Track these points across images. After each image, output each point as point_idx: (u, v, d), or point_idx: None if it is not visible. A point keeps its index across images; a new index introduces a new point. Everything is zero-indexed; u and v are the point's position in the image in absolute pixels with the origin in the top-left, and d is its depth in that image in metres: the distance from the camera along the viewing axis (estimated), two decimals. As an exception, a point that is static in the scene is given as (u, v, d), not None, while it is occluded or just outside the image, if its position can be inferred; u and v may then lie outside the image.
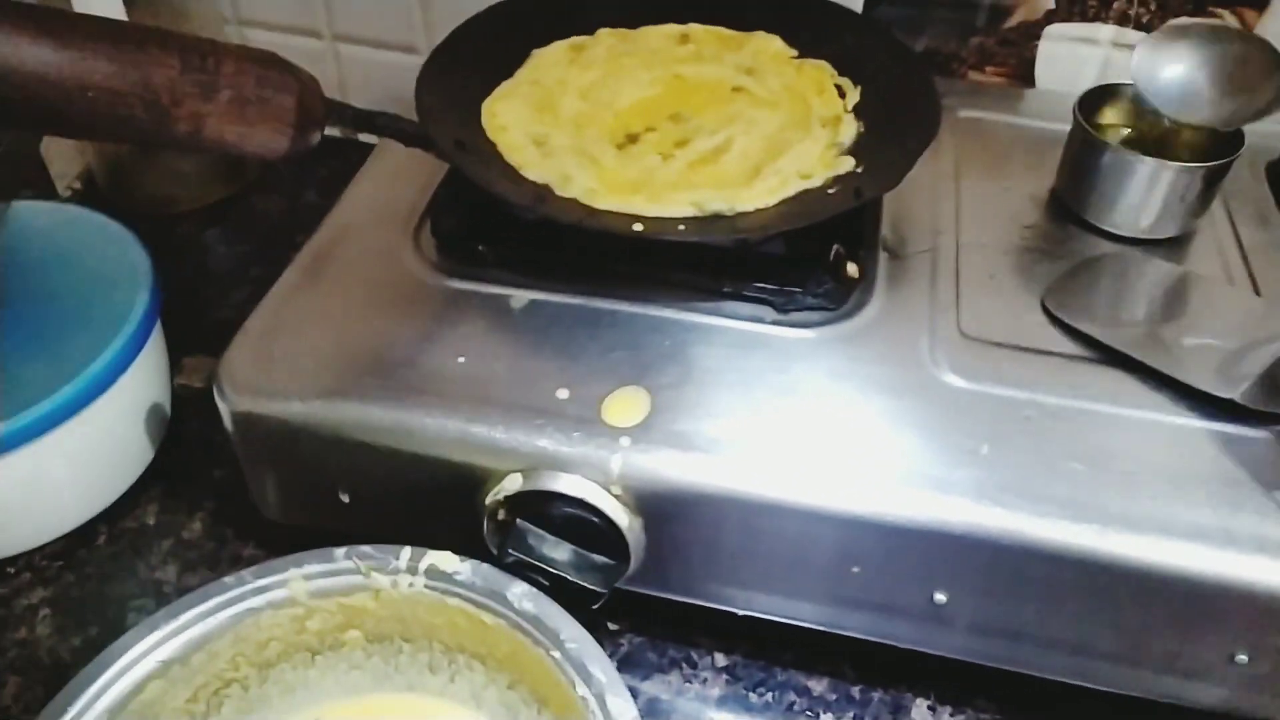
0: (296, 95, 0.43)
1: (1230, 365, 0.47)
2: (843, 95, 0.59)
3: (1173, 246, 0.55)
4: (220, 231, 0.78)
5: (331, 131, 0.85)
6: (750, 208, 0.50)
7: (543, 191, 0.51)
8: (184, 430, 0.61)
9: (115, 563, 0.55)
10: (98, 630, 0.52)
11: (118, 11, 0.64)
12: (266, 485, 0.51)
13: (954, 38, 0.70)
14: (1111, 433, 0.45)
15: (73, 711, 0.39)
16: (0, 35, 0.36)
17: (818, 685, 0.50)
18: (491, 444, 0.45)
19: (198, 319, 0.68)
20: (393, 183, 0.59)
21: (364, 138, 0.87)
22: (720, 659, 0.52)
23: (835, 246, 0.50)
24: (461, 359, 0.48)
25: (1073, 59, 0.68)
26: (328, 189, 0.81)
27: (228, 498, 0.58)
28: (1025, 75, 0.70)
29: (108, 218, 0.59)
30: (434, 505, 0.48)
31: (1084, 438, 0.44)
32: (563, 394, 0.46)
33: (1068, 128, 0.62)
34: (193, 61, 0.40)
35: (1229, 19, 0.64)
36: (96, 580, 0.54)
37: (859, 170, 0.53)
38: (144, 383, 0.56)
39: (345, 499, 0.49)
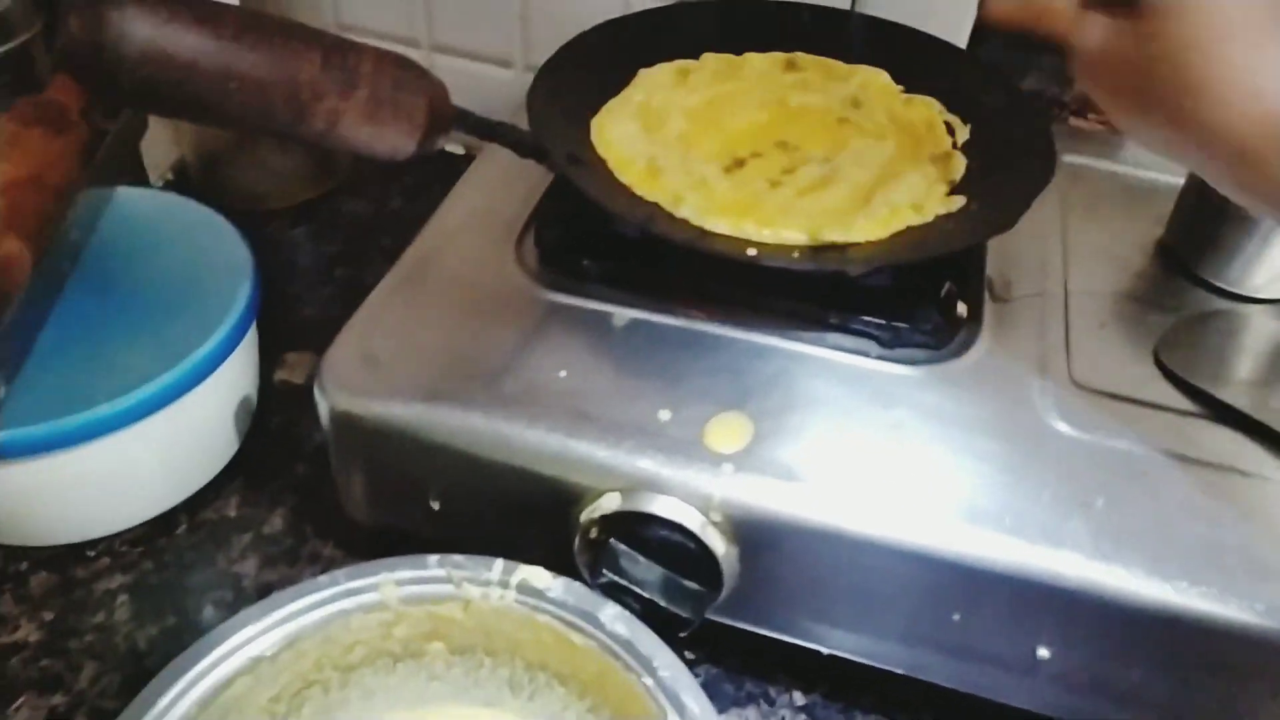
0: (428, 99, 0.43)
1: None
2: (951, 132, 0.58)
3: (1285, 306, 0.54)
4: (307, 230, 0.78)
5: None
6: (863, 238, 0.50)
7: (654, 211, 0.50)
8: (269, 423, 0.61)
9: (195, 553, 0.55)
10: (175, 620, 0.52)
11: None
12: (356, 486, 0.50)
13: (1057, 83, 0.69)
14: (1231, 495, 0.43)
15: (163, 702, 0.39)
16: (158, 19, 0.36)
17: (899, 732, 0.49)
18: (591, 461, 0.45)
19: (284, 315, 0.69)
20: (495, 191, 0.59)
21: (451, 148, 0.88)
22: (799, 697, 0.50)
23: (948, 284, 0.50)
24: (563, 373, 0.47)
25: (1180, 110, 0.67)
26: (413, 195, 0.82)
27: (309, 494, 0.58)
28: (1129, 124, 0.69)
29: (212, 211, 0.60)
30: (526, 518, 0.47)
31: (1203, 498, 0.43)
32: (664, 415, 0.46)
33: (1170, 178, 0.61)
34: (334, 58, 0.41)
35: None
36: (175, 570, 0.54)
37: (971, 209, 0.52)
38: (239, 374, 0.56)
39: (435, 505, 0.48)
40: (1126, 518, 0.42)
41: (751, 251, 0.48)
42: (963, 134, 0.58)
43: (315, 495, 0.57)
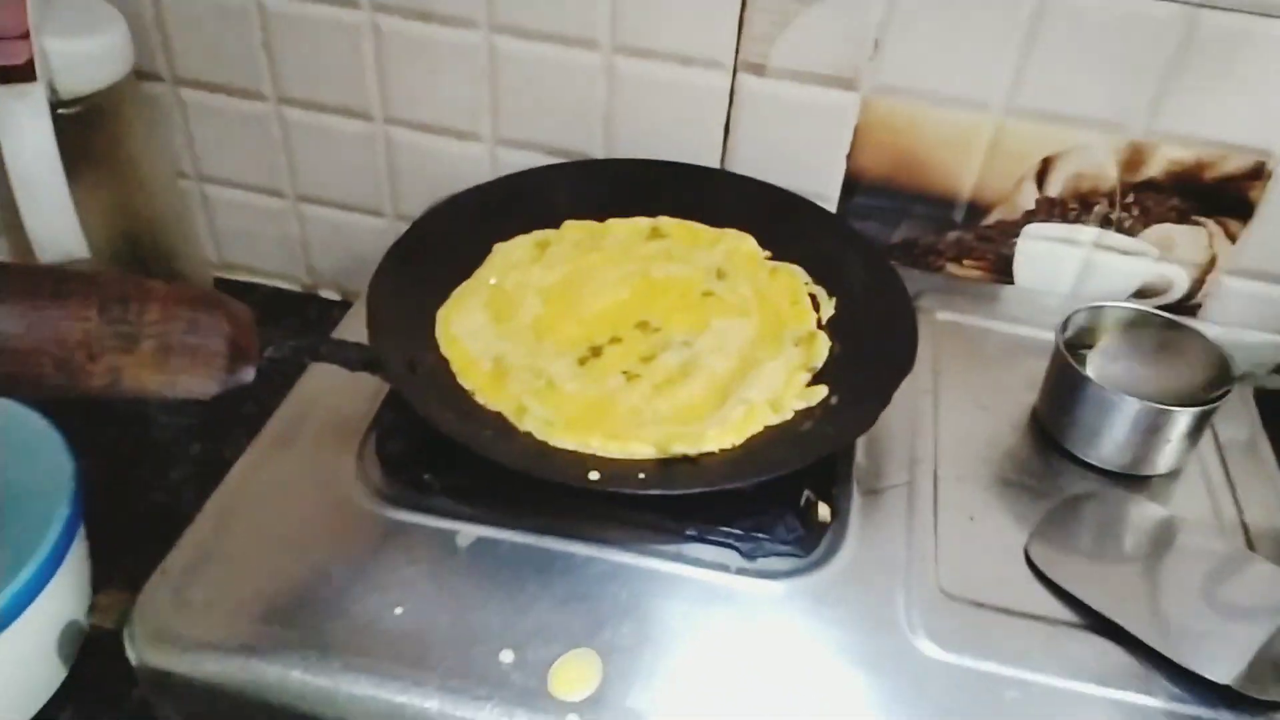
0: (228, 337, 0.40)
1: (1225, 639, 0.44)
2: (816, 306, 0.57)
3: (1160, 482, 0.53)
4: (164, 401, 0.74)
5: (291, 286, 0.83)
6: (715, 447, 0.47)
7: (494, 427, 0.48)
8: (101, 640, 0.56)
9: (12, 807, 0.50)
10: None
11: (59, 183, 0.60)
12: (179, 739, 0.46)
13: (931, 231, 0.68)
14: (1102, 722, 0.41)
15: None
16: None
17: None
18: (426, 719, 0.41)
19: (129, 504, 0.64)
20: (342, 384, 0.54)
21: (326, 293, 0.85)
22: None
23: (806, 492, 0.47)
24: (399, 610, 0.44)
25: (1053, 258, 0.67)
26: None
27: (145, 721, 0.53)
28: (1004, 269, 0.68)
29: (35, 413, 0.55)
30: (361, 775, 0.43)
31: (1073, 729, 0.41)
32: (507, 657, 0.42)
33: (1048, 334, 0.60)
34: (113, 311, 0.37)
35: (1213, 227, 0.63)
36: (-12, 828, 0.49)
37: (831, 401, 0.50)
38: (60, 603, 0.51)
39: (264, 761, 0.44)
40: (995, 760, 0.40)
41: (594, 475, 0.45)
42: (827, 309, 0.56)
43: (152, 722, 0.53)
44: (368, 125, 0.72)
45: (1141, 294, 0.67)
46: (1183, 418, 0.50)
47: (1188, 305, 0.66)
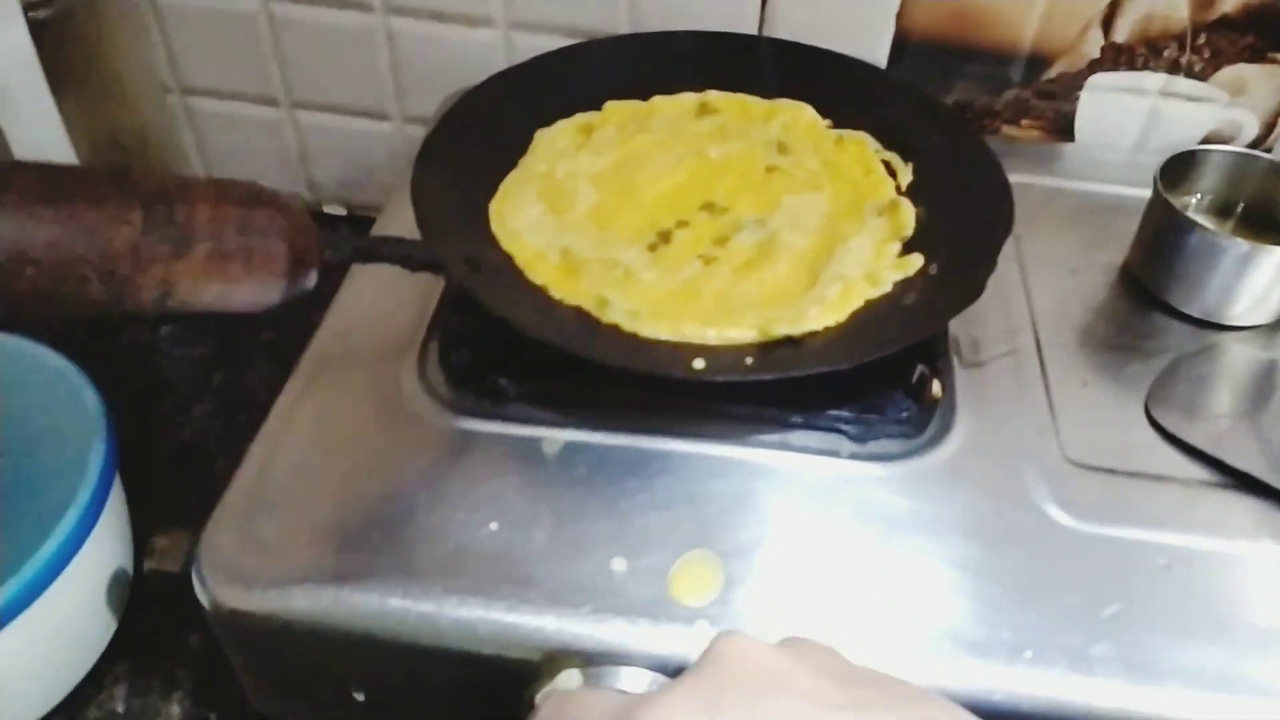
0: (287, 237, 0.35)
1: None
2: (891, 173, 0.52)
3: (1269, 331, 0.50)
4: (174, 330, 0.69)
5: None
6: (819, 326, 0.43)
7: (577, 320, 0.43)
8: (151, 587, 0.52)
9: (79, 768, 0.46)
10: None
11: (40, 87, 0.54)
12: (260, 681, 0.43)
13: (987, 91, 0.64)
14: (1263, 580, 0.39)
15: None
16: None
17: None
18: (541, 636, 0.38)
19: (156, 444, 0.59)
20: (387, 293, 0.50)
21: (329, 209, 0.79)
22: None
23: (920, 367, 0.44)
24: (494, 525, 0.40)
25: (1116, 111, 0.63)
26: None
27: (209, 669, 0.49)
28: (1063, 128, 0.64)
29: (51, 350, 0.50)
30: (470, 704, 0.40)
31: (1232, 589, 0.39)
32: (619, 565, 0.39)
33: (1119, 189, 0.57)
34: (159, 214, 0.32)
35: (1287, 65, 0.60)
36: (57, 793, 0.46)
37: (930, 271, 0.46)
38: (104, 551, 0.47)
39: (360, 697, 0.41)
40: (1156, 626, 0.37)
41: (699, 364, 0.41)
42: (905, 175, 0.52)
43: (215, 668, 0.49)
44: (366, 16, 0.66)
45: (1208, 141, 0.63)
46: (1298, 259, 0.47)
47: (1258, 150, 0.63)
